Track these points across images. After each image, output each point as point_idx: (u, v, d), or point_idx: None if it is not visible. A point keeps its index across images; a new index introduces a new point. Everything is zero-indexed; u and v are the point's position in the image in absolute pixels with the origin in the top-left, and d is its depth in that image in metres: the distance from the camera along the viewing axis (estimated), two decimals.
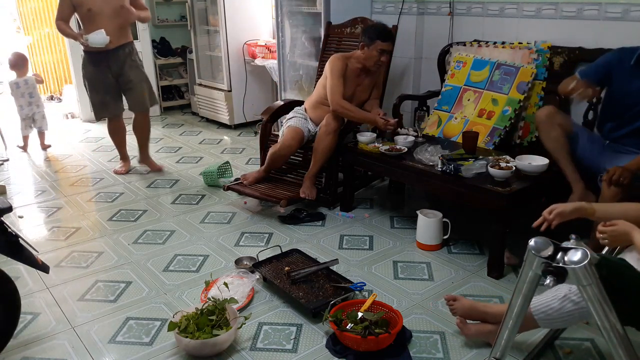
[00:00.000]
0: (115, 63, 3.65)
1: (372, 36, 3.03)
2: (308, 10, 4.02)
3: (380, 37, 3.02)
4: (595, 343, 1.96)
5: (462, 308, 1.99)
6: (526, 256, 1.35)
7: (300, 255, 2.61)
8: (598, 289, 1.26)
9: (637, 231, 1.53)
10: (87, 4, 3.45)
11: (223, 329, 1.94)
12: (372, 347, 1.90)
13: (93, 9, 3.46)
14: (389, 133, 3.08)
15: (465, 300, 2.03)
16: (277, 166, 3.34)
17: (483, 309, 1.98)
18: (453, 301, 2.02)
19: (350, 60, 3.16)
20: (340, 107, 3.08)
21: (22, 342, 2.05)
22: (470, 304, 2.02)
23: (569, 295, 1.62)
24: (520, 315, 1.43)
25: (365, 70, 3.17)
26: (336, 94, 3.09)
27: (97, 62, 3.62)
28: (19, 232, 2.16)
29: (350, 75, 3.17)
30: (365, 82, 3.23)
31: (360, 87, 3.23)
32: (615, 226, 1.57)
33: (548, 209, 1.72)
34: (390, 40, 3.09)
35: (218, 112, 5.33)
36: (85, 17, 3.51)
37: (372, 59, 3.07)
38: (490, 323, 1.94)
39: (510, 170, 2.42)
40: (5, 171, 4.18)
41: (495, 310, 1.95)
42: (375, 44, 3.03)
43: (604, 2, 2.74)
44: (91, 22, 3.49)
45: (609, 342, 1.31)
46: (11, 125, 5.12)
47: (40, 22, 6.66)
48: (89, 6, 3.45)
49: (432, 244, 2.70)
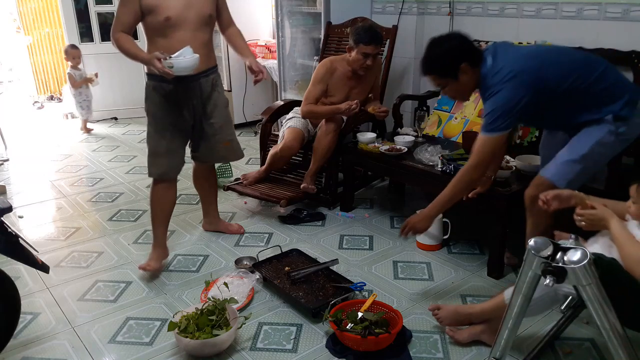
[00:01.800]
0: (198, 97, 2.48)
1: (356, 39, 2.98)
2: (308, 10, 4.02)
3: (363, 40, 2.95)
4: (595, 343, 1.96)
5: (447, 315, 2.01)
6: (526, 256, 1.35)
7: (300, 255, 2.61)
8: (598, 288, 1.26)
9: (615, 219, 1.55)
10: (163, 10, 2.27)
11: (223, 329, 1.94)
12: (372, 347, 1.90)
13: (173, 17, 2.28)
14: (389, 133, 3.07)
15: (448, 306, 2.05)
16: (278, 167, 3.33)
17: (467, 311, 2.00)
18: (437, 310, 2.04)
19: (340, 64, 3.12)
20: (307, 113, 3.13)
21: (22, 342, 2.05)
22: (454, 308, 2.04)
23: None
24: (520, 315, 1.43)
25: (356, 74, 3.11)
26: (306, 99, 3.14)
27: (172, 94, 2.42)
28: (19, 232, 2.16)
29: (340, 79, 3.13)
30: (361, 84, 3.18)
31: (356, 90, 3.18)
32: (595, 210, 1.58)
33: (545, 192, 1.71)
34: (373, 43, 2.97)
35: None
36: (159, 29, 2.31)
37: (357, 62, 3.01)
38: (477, 324, 1.95)
39: (510, 170, 2.43)
40: (5, 171, 4.18)
41: (478, 309, 1.97)
42: (358, 47, 2.97)
43: (604, 2, 2.74)
44: (168, 36, 2.31)
45: (609, 342, 1.31)
46: (11, 125, 5.13)
47: (40, 22, 6.66)
48: (168, 13, 2.27)
49: (432, 244, 2.70)
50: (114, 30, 2.32)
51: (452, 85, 2.07)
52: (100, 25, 5.49)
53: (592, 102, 1.95)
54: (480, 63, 2.00)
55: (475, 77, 2.01)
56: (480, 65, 2.00)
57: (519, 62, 1.95)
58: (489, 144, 2.00)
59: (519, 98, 1.92)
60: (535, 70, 1.94)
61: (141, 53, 2.31)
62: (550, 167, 2.03)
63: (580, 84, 1.94)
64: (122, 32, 2.30)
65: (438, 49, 2.02)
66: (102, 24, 5.49)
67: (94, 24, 5.48)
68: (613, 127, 1.92)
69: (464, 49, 2.00)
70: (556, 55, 2.03)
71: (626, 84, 2.01)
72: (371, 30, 3.02)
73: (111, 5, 5.45)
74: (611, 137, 1.93)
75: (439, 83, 2.11)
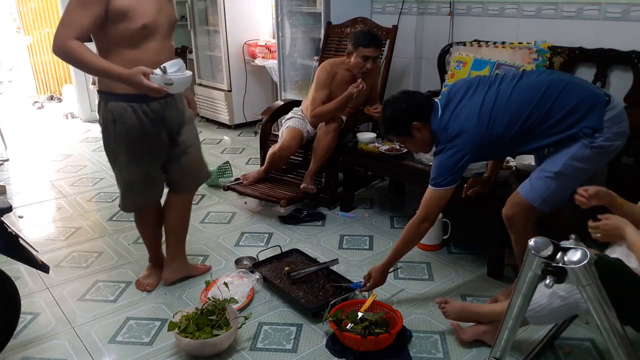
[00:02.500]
0: (174, 113, 2.14)
1: (355, 43, 3.00)
2: (308, 10, 4.02)
3: (362, 43, 2.97)
4: (595, 343, 1.96)
5: (454, 310, 2.00)
6: (526, 256, 1.35)
7: (300, 255, 2.61)
8: (598, 288, 1.26)
9: (629, 226, 1.53)
10: (139, 16, 1.89)
11: (223, 329, 1.94)
12: (372, 347, 1.90)
13: (149, 24, 1.92)
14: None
15: (456, 302, 2.05)
16: (277, 167, 3.33)
17: (475, 310, 1.99)
18: (444, 304, 2.03)
19: (339, 68, 3.13)
20: (316, 116, 3.11)
21: (22, 342, 2.05)
22: (462, 305, 2.03)
23: (557, 291, 1.62)
24: (520, 315, 1.43)
25: (355, 78, 3.09)
26: (312, 104, 3.13)
27: (154, 113, 2.05)
28: (19, 232, 2.16)
29: (340, 83, 3.13)
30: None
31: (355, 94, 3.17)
32: (608, 220, 1.56)
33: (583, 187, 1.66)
34: (373, 46, 3.00)
35: (218, 112, 5.33)
36: (130, 38, 1.92)
37: (357, 66, 3.03)
38: (483, 323, 1.95)
39: (510, 170, 2.43)
40: (5, 171, 4.18)
41: (487, 310, 1.96)
42: (358, 50, 2.99)
43: (604, 2, 2.75)
44: (139, 47, 1.95)
45: (609, 342, 1.31)
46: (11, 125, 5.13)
47: (40, 22, 6.66)
48: (144, 20, 1.90)
49: (432, 244, 2.70)
50: (64, 37, 1.80)
51: (409, 142, 2.18)
52: None
53: (554, 127, 1.92)
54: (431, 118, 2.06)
55: (429, 131, 2.08)
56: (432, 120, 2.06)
57: (461, 121, 1.99)
58: (435, 197, 2.08)
59: (460, 157, 1.99)
60: (478, 129, 1.97)
61: (115, 67, 1.84)
62: (526, 184, 2.03)
63: (532, 122, 1.93)
64: (76, 39, 1.81)
65: (391, 110, 2.11)
66: None
67: None
68: (586, 141, 1.87)
69: (414, 110, 2.07)
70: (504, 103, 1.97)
71: (591, 93, 1.92)
72: (370, 33, 3.05)
73: None
74: (586, 151, 1.88)
75: (397, 140, 2.30)
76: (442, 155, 2.03)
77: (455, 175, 2.03)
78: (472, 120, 1.97)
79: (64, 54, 1.83)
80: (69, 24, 1.82)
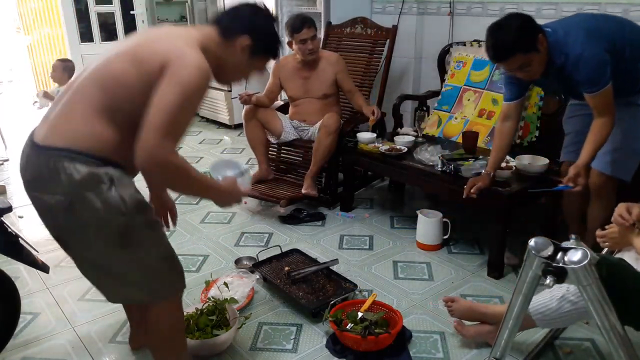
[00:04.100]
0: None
1: (289, 33, 3.14)
2: (308, 10, 4.02)
3: (294, 29, 3.10)
4: (595, 343, 1.96)
5: (460, 309, 1.99)
6: (526, 256, 1.35)
7: (300, 255, 2.61)
8: (598, 289, 1.26)
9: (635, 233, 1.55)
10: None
11: (223, 329, 1.94)
12: (372, 347, 1.90)
13: None
14: (389, 133, 3.07)
15: (463, 301, 2.03)
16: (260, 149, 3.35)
17: (482, 310, 1.98)
18: (451, 302, 2.02)
19: (291, 58, 3.29)
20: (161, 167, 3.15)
21: (22, 342, 2.05)
22: (469, 305, 2.02)
23: (567, 295, 1.63)
24: (520, 315, 1.43)
25: (308, 64, 3.21)
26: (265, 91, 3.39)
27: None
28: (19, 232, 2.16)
29: (291, 72, 3.28)
30: (315, 75, 3.24)
31: (311, 80, 3.25)
32: (615, 229, 1.58)
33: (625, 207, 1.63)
34: (305, 27, 3.08)
35: (218, 112, 5.33)
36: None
37: (300, 51, 3.15)
38: (489, 324, 1.94)
39: (510, 170, 2.43)
40: (5, 171, 4.18)
41: (494, 310, 1.95)
42: (294, 38, 3.12)
43: (603, 2, 2.75)
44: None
45: (609, 342, 1.31)
46: (11, 125, 5.12)
47: (40, 22, 6.66)
48: None
49: (432, 244, 2.70)
50: (168, 149, 1.30)
51: (536, 60, 2.00)
52: (100, 25, 5.50)
53: None
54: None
55: (546, 47, 2.02)
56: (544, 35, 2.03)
57: (582, 28, 2.02)
58: (609, 94, 1.98)
59: (600, 57, 1.96)
60: (600, 30, 2.01)
61: (217, 183, 1.59)
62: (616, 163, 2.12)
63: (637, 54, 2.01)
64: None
65: (511, 28, 1.97)
66: (102, 24, 5.50)
67: (94, 24, 5.48)
68: None
69: (533, 22, 2.01)
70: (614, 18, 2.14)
71: None
72: (297, 17, 3.17)
73: (111, 6, 5.45)
74: None
75: (523, 61, 1.99)
76: (585, 55, 1.96)
77: (608, 71, 1.97)
78: (592, 22, 2.07)
79: (164, 170, 1.34)
80: (174, 131, 1.30)
